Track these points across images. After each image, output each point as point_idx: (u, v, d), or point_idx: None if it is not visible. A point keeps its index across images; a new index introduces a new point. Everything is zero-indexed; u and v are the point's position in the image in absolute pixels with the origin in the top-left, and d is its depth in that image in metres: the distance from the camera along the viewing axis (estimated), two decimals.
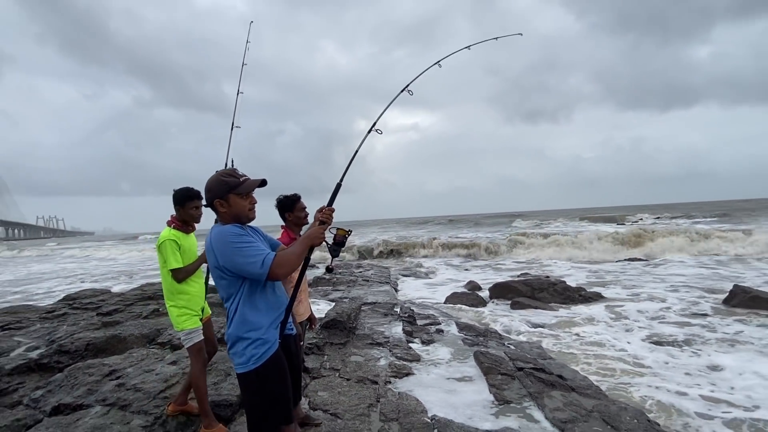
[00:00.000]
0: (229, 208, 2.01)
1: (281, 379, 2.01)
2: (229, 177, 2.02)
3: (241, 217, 2.04)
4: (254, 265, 1.85)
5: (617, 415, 3.60)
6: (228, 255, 1.89)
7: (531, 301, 8.94)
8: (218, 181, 2.01)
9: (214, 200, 2.00)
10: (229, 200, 1.99)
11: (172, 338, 5.31)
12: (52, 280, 18.70)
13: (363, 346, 5.46)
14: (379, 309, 7.57)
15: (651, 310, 8.20)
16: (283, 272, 1.92)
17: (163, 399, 3.53)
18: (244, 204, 2.03)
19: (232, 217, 2.02)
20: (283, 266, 1.90)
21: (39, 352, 4.93)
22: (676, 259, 15.06)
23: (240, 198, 2.01)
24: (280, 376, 2.00)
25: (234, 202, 2.00)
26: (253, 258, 1.86)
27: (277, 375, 1.99)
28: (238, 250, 1.88)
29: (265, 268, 1.85)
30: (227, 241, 1.90)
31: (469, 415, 3.73)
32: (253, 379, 1.95)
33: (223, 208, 2.01)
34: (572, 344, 6.33)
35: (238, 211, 2.02)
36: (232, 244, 1.89)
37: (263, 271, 1.85)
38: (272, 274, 1.87)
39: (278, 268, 1.88)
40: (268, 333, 1.99)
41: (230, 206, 2.00)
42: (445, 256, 18.62)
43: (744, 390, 4.51)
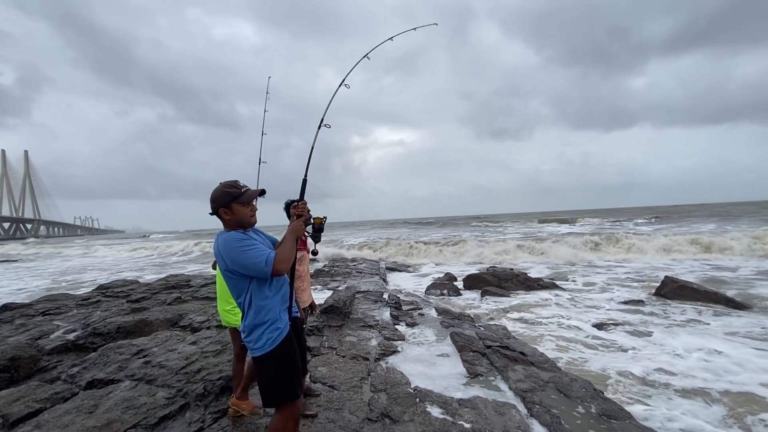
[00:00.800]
0: (233, 216, 1.97)
1: (292, 358, 2.00)
2: (232, 188, 1.98)
3: (244, 223, 2.01)
4: (259, 265, 1.84)
5: (569, 386, 3.64)
6: (235, 258, 1.86)
7: (498, 289, 9.00)
8: (222, 192, 1.97)
9: (219, 209, 1.97)
10: (233, 209, 1.97)
11: (192, 322, 5.24)
12: (94, 271, 18.37)
13: (356, 328, 5.45)
14: (370, 296, 7.56)
15: (598, 298, 8.32)
16: (285, 267, 1.90)
17: (185, 374, 3.48)
18: (245, 212, 2.00)
19: (235, 224, 1.99)
20: (283, 262, 1.89)
21: (75, 334, 4.83)
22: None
23: (242, 206, 1.98)
24: (291, 356, 1.99)
25: (237, 210, 1.97)
26: (257, 259, 1.85)
27: (289, 354, 1.98)
28: (243, 253, 1.85)
29: (269, 266, 1.84)
30: (233, 246, 1.87)
31: (445, 386, 3.73)
32: (270, 360, 1.93)
33: (227, 216, 1.98)
34: (532, 326, 6.39)
35: (240, 218, 1.99)
36: (237, 248, 1.87)
37: (268, 269, 1.84)
38: (276, 270, 1.86)
39: (279, 264, 1.87)
40: (280, 319, 1.98)
41: (234, 214, 1.97)
42: (428, 254, 18.61)
43: (672, 360, 4.60)
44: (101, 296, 7.47)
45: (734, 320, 6.32)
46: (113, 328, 4.89)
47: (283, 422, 1.99)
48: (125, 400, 3.03)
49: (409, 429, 2.88)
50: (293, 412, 2.01)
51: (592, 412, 3.20)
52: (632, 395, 3.89)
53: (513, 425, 2.98)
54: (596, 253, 15.99)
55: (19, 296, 11.49)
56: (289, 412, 1.99)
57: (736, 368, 4.41)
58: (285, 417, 1.99)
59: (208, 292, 7.38)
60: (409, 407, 3.20)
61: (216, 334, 4.53)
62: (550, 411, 3.18)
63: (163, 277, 9.38)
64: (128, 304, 6.59)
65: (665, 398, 3.82)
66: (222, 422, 2.88)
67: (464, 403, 3.34)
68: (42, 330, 5.02)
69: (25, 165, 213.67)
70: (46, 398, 3.14)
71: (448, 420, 3.02)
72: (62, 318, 5.74)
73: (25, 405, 2.99)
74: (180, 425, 2.82)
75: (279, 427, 1.98)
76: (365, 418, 3.01)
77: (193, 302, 6.71)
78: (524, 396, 3.46)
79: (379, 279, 10.60)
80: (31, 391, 3.23)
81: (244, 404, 2.88)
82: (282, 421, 1.99)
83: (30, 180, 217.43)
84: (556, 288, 9.35)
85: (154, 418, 2.83)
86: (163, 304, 6.56)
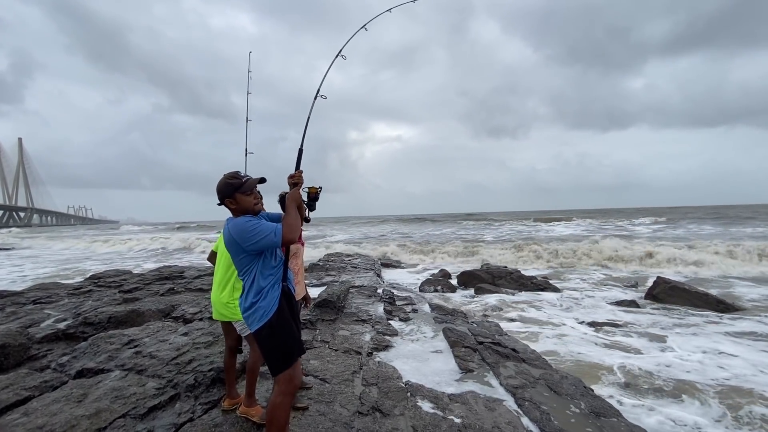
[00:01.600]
0: (238, 205, 2.10)
1: (288, 325, 2.10)
2: (233, 179, 2.11)
3: (249, 211, 2.13)
4: (269, 237, 1.97)
5: (559, 383, 3.67)
6: (248, 238, 1.98)
7: (491, 287, 9.03)
8: (225, 183, 2.10)
9: (224, 200, 2.11)
10: (237, 198, 2.09)
11: (185, 313, 5.22)
12: (90, 261, 18.24)
13: (350, 323, 5.44)
14: (364, 291, 7.55)
15: (591, 297, 8.38)
16: (293, 236, 2.01)
17: (176, 365, 3.46)
18: (249, 200, 2.12)
19: (241, 212, 2.12)
20: (291, 230, 2.00)
21: (66, 323, 4.79)
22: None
23: (245, 195, 2.11)
24: (286, 323, 2.09)
25: (240, 199, 2.10)
26: (267, 232, 1.97)
27: (284, 322, 2.08)
28: (253, 231, 1.98)
29: (278, 237, 1.97)
30: (244, 228, 2.00)
31: (437, 381, 3.75)
32: (267, 330, 2.03)
33: (233, 205, 2.11)
34: (524, 323, 6.43)
35: (245, 207, 2.11)
36: (248, 229, 1.99)
37: (278, 239, 1.97)
38: (285, 239, 1.98)
39: (288, 233, 1.98)
40: (272, 291, 2.08)
41: (238, 203, 2.10)
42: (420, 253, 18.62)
43: (662, 359, 4.64)
44: (93, 286, 7.42)
45: (728, 321, 6.38)
46: (104, 317, 4.85)
47: (281, 395, 2.05)
48: (114, 390, 3.01)
49: (399, 423, 2.89)
50: (289, 387, 2.07)
51: (582, 409, 3.22)
52: (622, 393, 3.93)
53: (503, 421, 3.00)
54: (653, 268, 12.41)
55: (24, 284, 11.39)
56: (285, 386, 2.06)
57: (732, 368, 4.46)
58: (283, 391, 2.05)
59: (201, 284, 7.35)
60: (400, 401, 3.20)
61: (208, 326, 4.51)
62: (540, 407, 3.20)
63: (156, 268, 9.33)
64: (120, 294, 6.54)
65: (654, 397, 3.86)
66: (212, 413, 2.87)
67: (455, 398, 3.35)
68: (33, 318, 4.98)
69: (19, 153, 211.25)
70: (35, 386, 3.11)
71: (439, 415, 3.03)
72: (53, 307, 5.69)
73: (14, 392, 2.96)
74: (170, 415, 2.80)
75: (277, 401, 2.05)
76: (356, 411, 3.01)
77: (186, 293, 6.67)
78: (515, 392, 3.48)
79: (373, 274, 10.60)
80: (20, 379, 3.20)
81: (254, 411, 2.80)
82: (281, 394, 2.05)
83: (24, 168, 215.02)
84: (550, 286, 9.40)
85: (144, 408, 2.81)
86: (156, 295, 6.52)
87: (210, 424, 2.72)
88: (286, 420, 2.10)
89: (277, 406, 2.05)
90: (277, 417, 2.06)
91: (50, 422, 2.58)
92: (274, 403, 2.06)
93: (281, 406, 2.06)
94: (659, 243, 15.53)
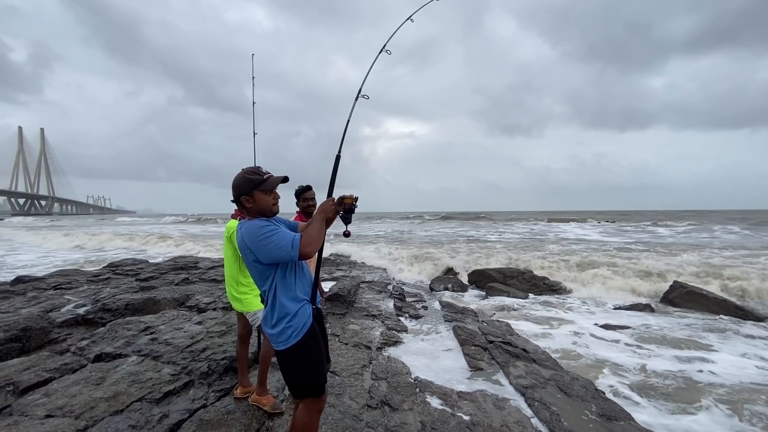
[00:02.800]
0: (255, 204, 1.88)
1: (317, 349, 1.92)
2: (254, 175, 1.89)
3: (266, 211, 1.91)
4: (285, 249, 1.75)
5: (570, 384, 3.63)
6: (261, 247, 1.77)
7: (503, 286, 8.97)
8: (243, 178, 1.89)
9: (241, 197, 1.89)
10: (254, 196, 1.88)
11: (199, 302, 5.32)
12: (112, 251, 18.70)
13: (360, 317, 5.48)
14: (374, 287, 7.59)
15: (605, 299, 8.25)
16: (311, 249, 1.79)
17: (190, 353, 3.54)
18: (267, 200, 1.90)
19: (257, 212, 1.90)
20: (309, 244, 1.78)
21: (85, 309, 4.94)
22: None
23: (264, 194, 1.89)
24: (316, 347, 1.91)
25: (258, 198, 1.88)
26: (282, 243, 1.76)
27: (314, 346, 1.90)
28: (267, 240, 1.76)
29: (295, 250, 1.74)
30: (257, 235, 1.78)
31: (447, 379, 3.75)
32: (294, 353, 1.86)
33: (249, 204, 1.89)
34: (535, 324, 6.37)
35: (262, 206, 1.89)
36: (262, 236, 1.77)
37: (294, 253, 1.74)
38: (302, 253, 1.76)
39: (306, 246, 1.76)
40: (303, 310, 1.89)
41: (255, 202, 1.88)
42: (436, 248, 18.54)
43: (677, 364, 4.55)
44: (111, 273, 7.62)
45: (749, 328, 6.22)
46: (122, 304, 4.99)
47: (309, 415, 1.94)
48: (131, 374, 3.10)
49: (408, 418, 2.90)
50: (318, 405, 1.96)
51: (593, 412, 3.19)
52: (634, 397, 3.87)
53: (512, 420, 2.99)
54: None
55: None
56: (315, 405, 1.95)
57: (748, 375, 4.35)
58: (310, 410, 1.94)
59: (215, 275, 7.48)
60: (408, 396, 3.22)
61: (221, 316, 4.59)
62: (550, 408, 3.18)
63: (171, 258, 9.52)
64: (137, 283, 6.70)
65: (667, 401, 3.79)
66: (225, 401, 2.93)
67: (464, 395, 3.35)
68: (53, 303, 5.14)
69: (41, 142, 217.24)
70: (56, 368, 3.22)
71: (447, 411, 3.04)
72: (73, 293, 5.87)
73: (35, 374, 3.08)
74: (184, 401, 2.87)
75: (305, 420, 1.93)
76: (365, 404, 3.03)
77: (200, 284, 6.80)
78: (525, 392, 3.46)
79: (383, 270, 10.63)
80: (41, 361, 3.31)
81: (265, 400, 2.85)
82: (308, 415, 1.94)
83: (46, 157, 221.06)
84: (562, 288, 9.29)
85: (159, 393, 2.89)
86: (171, 284, 6.66)
87: (223, 411, 2.78)
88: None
89: (307, 426, 1.93)
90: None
91: (70, 403, 2.67)
92: (302, 423, 1.93)
93: (310, 425, 1.94)
94: (704, 256, 12.81)
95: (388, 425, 2.78)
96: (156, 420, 2.59)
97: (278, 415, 2.77)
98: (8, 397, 2.76)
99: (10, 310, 4.74)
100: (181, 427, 2.56)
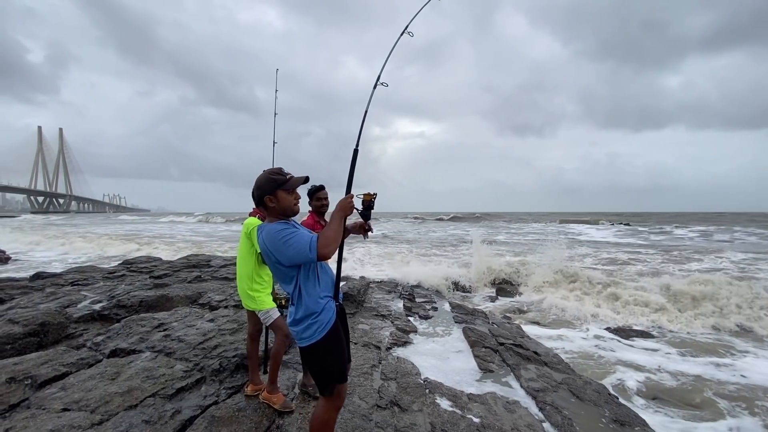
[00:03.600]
0: (278, 203, 1.93)
1: (340, 346, 1.96)
2: (277, 175, 1.95)
3: (288, 211, 1.96)
4: (303, 251, 1.78)
5: (582, 388, 3.58)
6: (281, 250, 1.81)
7: (513, 288, 8.88)
8: (267, 179, 1.94)
9: (264, 196, 1.93)
10: (278, 196, 1.92)
11: (211, 300, 5.38)
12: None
13: (369, 317, 5.48)
14: (384, 287, 7.59)
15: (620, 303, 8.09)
16: (329, 250, 1.81)
17: (202, 350, 3.58)
18: (290, 199, 1.96)
19: (279, 212, 1.95)
20: (327, 245, 1.79)
21: (101, 305, 5.03)
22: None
23: (287, 193, 1.95)
24: (339, 343, 1.96)
25: (281, 197, 1.93)
26: (301, 246, 1.79)
27: (337, 342, 1.94)
28: (286, 243, 1.80)
29: (313, 252, 1.77)
30: (277, 239, 1.82)
31: (456, 380, 3.72)
32: (318, 349, 1.90)
33: (272, 204, 1.93)
34: (547, 326, 6.29)
35: (285, 205, 1.94)
36: (281, 239, 1.81)
37: (312, 255, 1.77)
38: (320, 254, 1.77)
39: (323, 248, 1.78)
40: (327, 307, 1.93)
41: (278, 201, 1.93)
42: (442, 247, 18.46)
43: (695, 370, 4.45)
44: (126, 270, 7.76)
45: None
46: (136, 301, 5.08)
47: (327, 412, 1.96)
48: (145, 370, 3.15)
49: (417, 419, 2.89)
50: (337, 402, 1.98)
51: (606, 417, 3.13)
52: (649, 403, 3.79)
53: (523, 423, 2.95)
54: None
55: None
56: (333, 402, 1.97)
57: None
58: (329, 407, 1.97)
59: (227, 273, 7.56)
60: (418, 397, 3.21)
61: (233, 314, 4.64)
62: (562, 412, 3.14)
63: (184, 256, 9.65)
64: (151, 280, 6.81)
65: (682, 408, 3.70)
66: (236, 398, 2.95)
67: (474, 397, 3.33)
68: (70, 299, 5.25)
69: (60, 142, 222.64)
70: (72, 363, 3.29)
71: (457, 413, 3.02)
72: (89, 289, 5.99)
73: (53, 368, 3.15)
74: (196, 397, 2.91)
75: (323, 418, 1.96)
76: (374, 404, 3.03)
77: (213, 282, 6.88)
78: (536, 395, 3.42)
79: (393, 270, 10.62)
80: (58, 356, 3.39)
81: (275, 398, 2.87)
82: (326, 412, 1.96)
83: (64, 156, 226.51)
84: (575, 290, 9.14)
85: (172, 389, 2.93)
86: (184, 282, 6.76)
87: (233, 408, 2.80)
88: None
89: (324, 423, 1.96)
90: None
91: (86, 397, 2.73)
92: (321, 419, 1.96)
93: (328, 423, 1.97)
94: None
95: (397, 426, 2.78)
96: (168, 416, 2.62)
97: (288, 414, 2.79)
98: (26, 391, 2.83)
99: (29, 305, 4.87)
100: (193, 423, 2.59)
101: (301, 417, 2.78)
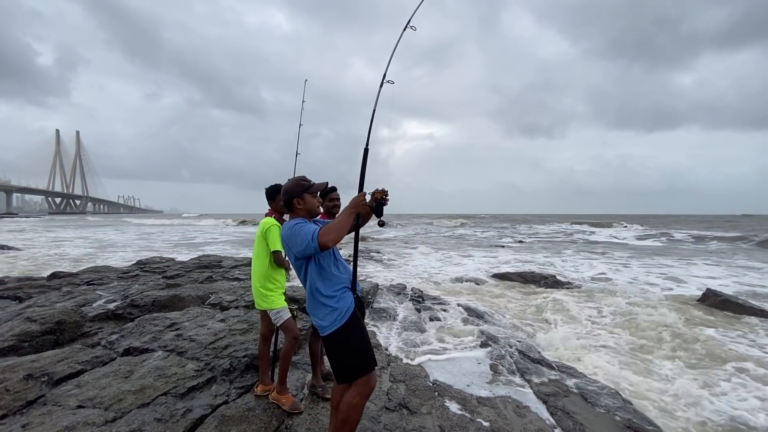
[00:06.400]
0: (305, 205, 2.21)
1: (361, 332, 2.11)
2: (304, 181, 2.26)
3: (312, 211, 2.25)
4: (306, 240, 1.96)
5: (595, 393, 3.52)
6: (292, 240, 2.03)
7: (525, 289, 8.78)
8: (296, 184, 2.23)
9: (293, 199, 2.20)
10: (305, 198, 2.21)
11: (222, 300, 5.44)
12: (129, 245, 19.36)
13: (377, 319, 5.48)
14: (393, 288, 7.57)
15: (634, 305, 7.95)
16: (330, 239, 1.94)
17: (213, 349, 3.62)
18: (314, 201, 2.26)
19: (306, 212, 2.22)
20: (327, 234, 1.94)
21: (115, 304, 5.13)
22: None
23: (312, 196, 2.24)
24: (359, 330, 2.10)
25: (308, 199, 2.22)
26: (305, 236, 1.97)
27: (357, 329, 2.09)
28: (296, 235, 2.02)
29: (315, 240, 1.94)
30: (291, 232, 2.06)
31: (465, 383, 3.69)
32: (339, 337, 2.04)
33: (300, 205, 2.21)
34: (559, 329, 6.20)
35: (310, 207, 2.23)
36: (293, 231, 2.04)
37: (314, 243, 1.93)
38: (321, 243, 1.93)
39: (323, 236, 1.93)
40: (343, 297, 2.10)
41: (305, 203, 2.21)
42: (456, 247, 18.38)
43: (705, 376, 4.34)
44: (140, 271, 7.89)
45: None
46: (149, 301, 5.16)
47: (356, 397, 2.04)
48: (158, 369, 3.20)
49: (426, 422, 2.88)
50: (366, 389, 2.06)
51: (619, 423, 3.07)
52: (664, 409, 3.71)
53: (533, 428, 2.91)
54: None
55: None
56: (362, 388, 2.05)
57: None
58: (360, 392, 2.05)
59: (238, 273, 7.64)
60: (427, 400, 3.19)
61: (243, 314, 4.68)
62: (573, 417, 3.09)
63: (196, 257, 9.78)
64: (164, 280, 6.92)
65: (696, 414, 3.61)
66: (246, 398, 2.98)
67: (484, 401, 3.29)
68: (86, 298, 5.36)
69: (77, 144, 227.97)
70: (87, 361, 3.35)
71: (467, 417, 2.99)
72: (104, 288, 6.11)
73: (68, 366, 3.21)
74: (206, 396, 2.94)
75: (353, 402, 2.04)
76: (383, 407, 3.03)
77: (224, 282, 6.96)
78: (547, 400, 3.38)
79: (402, 272, 10.60)
80: (74, 354, 3.46)
81: (284, 398, 2.88)
82: (356, 396, 2.04)
83: (80, 158, 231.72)
84: (587, 292, 9.01)
85: (184, 387, 2.96)
86: (196, 282, 6.85)
87: (243, 407, 2.82)
88: (358, 421, 2.09)
89: (353, 408, 2.04)
90: (352, 417, 2.05)
91: (100, 395, 2.78)
92: (350, 404, 2.04)
93: (356, 408, 2.05)
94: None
95: (406, 428, 2.76)
96: (180, 414, 2.65)
97: (297, 414, 2.80)
98: (43, 388, 2.89)
99: (46, 304, 4.98)
100: (204, 422, 2.62)
101: (310, 418, 2.78)
